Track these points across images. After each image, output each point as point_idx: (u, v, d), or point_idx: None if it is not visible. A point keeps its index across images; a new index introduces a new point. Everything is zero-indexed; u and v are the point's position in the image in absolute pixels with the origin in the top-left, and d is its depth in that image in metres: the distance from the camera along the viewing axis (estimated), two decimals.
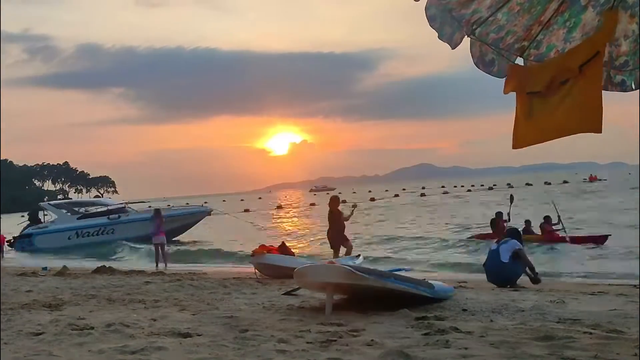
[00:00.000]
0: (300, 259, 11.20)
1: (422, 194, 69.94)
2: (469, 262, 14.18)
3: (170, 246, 19.21)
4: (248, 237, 21.89)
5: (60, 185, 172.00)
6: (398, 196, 67.16)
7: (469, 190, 73.11)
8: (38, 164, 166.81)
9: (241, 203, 75.64)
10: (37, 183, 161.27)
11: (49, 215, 27.63)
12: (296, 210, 59.75)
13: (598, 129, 3.29)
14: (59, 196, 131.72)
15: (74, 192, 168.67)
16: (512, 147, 3.89)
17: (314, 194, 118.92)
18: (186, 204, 40.18)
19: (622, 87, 3.84)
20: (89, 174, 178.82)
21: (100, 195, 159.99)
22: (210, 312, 5.72)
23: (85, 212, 27.12)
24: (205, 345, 4.12)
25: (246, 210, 57.57)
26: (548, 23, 3.82)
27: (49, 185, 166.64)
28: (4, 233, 22.84)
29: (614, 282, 9.71)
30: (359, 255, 13.67)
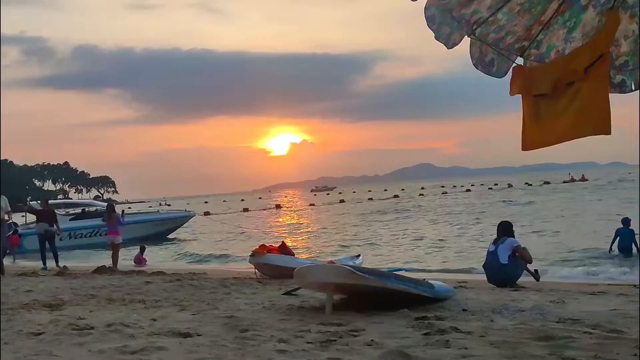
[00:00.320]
0: (300, 259, 11.20)
1: (420, 194, 69.92)
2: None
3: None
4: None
5: (60, 185, 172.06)
6: (397, 197, 67.07)
7: (468, 190, 73.08)
8: (38, 164, 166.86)
9: (241, 203, 75.66)
10: (37, 183, 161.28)
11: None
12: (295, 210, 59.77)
13: (607, 131, 3.31)
14: (59, 196, 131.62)
15: (74, 192, 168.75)
16: (522, 149, 3.91)
17: (314, 194, 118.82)
18: (187, 204, 40.32)
19: (622, 89, 3.85)
20: (89, 174, 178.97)
21: (100, 195, 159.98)
22: (210, 312, 5.71)
23: (81, 212, 26.95)
24: (205, 345, 4.12)
25: (245, 209, 57.60)
26: (548, 23, 3.82)
27: (49, 185, 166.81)
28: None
29: (614, 282, 9.71)
30: (359, 255, 13.69)
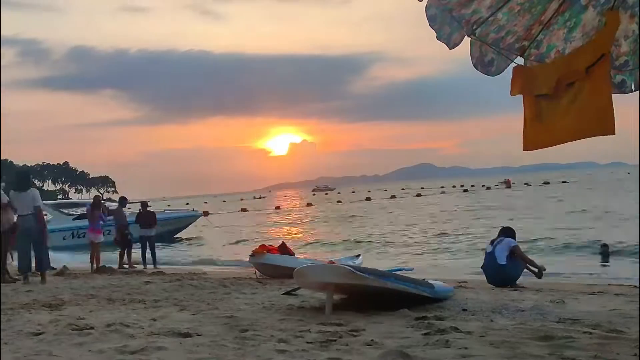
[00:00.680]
0: (300, 259, 11.19)
1: (418, 194, 69.88)
2: None
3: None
4: None
5: (60, 185, 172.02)
6: (395, 197, 67.00)
7: (467, 190, 73.13)
8: (38, 164, 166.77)
9: (240, 202, 75.63)
10: (37, 183, 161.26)
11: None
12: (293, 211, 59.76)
13: (611, 131, 3.30)
14: (58, 196, 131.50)
15: (74, 192, 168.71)
16: (523, 149, 3.91)
17: (313, 194, 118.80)
18: (186, 204, 40.22)
19: (622, 89, 3.85)
20: (89, 174, 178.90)
21: (100, 195, 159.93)
22: (210, 312, 5.71)
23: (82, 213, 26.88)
24: (205, 345, 4.12)
25: (243, 209, 57.51)
26: (548, 23, 3.82)
27: (49, 185, 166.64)
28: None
29: (614, 282, 9.70)
30: (359, 255, 13.69)
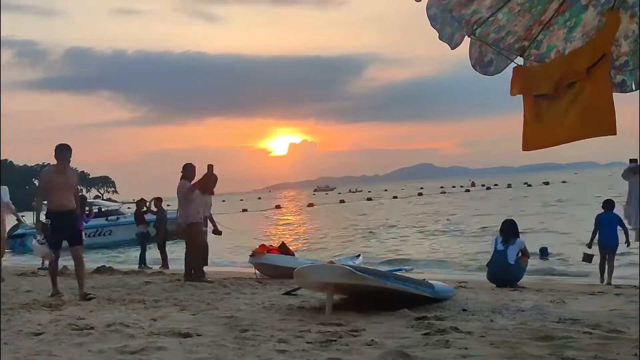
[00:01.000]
0: (300, 259, 11.20)
1: (419, 193, 70.11)
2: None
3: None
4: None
5: None
6: (396, 197, 67.08)
7: (468, 190, 73.10)
8: (38, 164, 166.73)
9: (240, 203, 75.59)
10: (37, 183, 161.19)
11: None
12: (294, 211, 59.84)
13: (613, 131, 3.29)
14: None
15: None
16: (523, 150, 3.90)
17: (314, 194, 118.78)
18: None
19: (622, 88, 3.84)
20: (89, 174, 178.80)
21: (100, 195, 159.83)
22: (210, 312, 5.71)
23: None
24: (205, 345, 4.12)
25: (244, 210, 57.42)
26: (548, 23, 3.82)
27: None
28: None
29: (613, 282, 9.70)
30: (359, 255, 13.69)
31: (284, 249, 10.97)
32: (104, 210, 26.30)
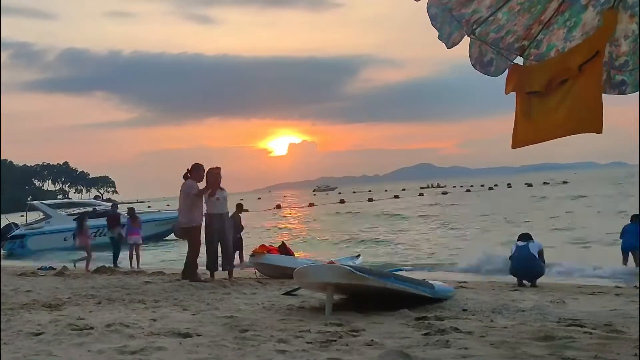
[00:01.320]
0: (300, 259, 11.20)
1: (421, 193, 70.38)
2: None
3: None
4: None
5: (60, 185, 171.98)
6: (398, 197, 67.12)
7: (468, 190, 73.12)
8: (38, 164, 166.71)
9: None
10: (37, 183, 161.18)
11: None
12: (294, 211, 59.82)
13: (598, 129, 3.26)
14: (58, 196, 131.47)
15: (74, 192, 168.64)
16: (512, 147, 3.89)
17: (314, 194, 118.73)
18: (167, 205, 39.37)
19: (621, 89, 3.84)
20: (89, 174, 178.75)
21: (100, 195, 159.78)
22: (210, 312, 5.71)
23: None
24: (205, 345, 4.12)
25: (245, 210, 57.31)
26: (548, 22, 3.81)
27: (49, 185, 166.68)
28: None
29: (613, 282, 9.71)
30: (359, 255, 13.69)
31: (284, 249, 10.98)
32: (104, 210, 26.24)
